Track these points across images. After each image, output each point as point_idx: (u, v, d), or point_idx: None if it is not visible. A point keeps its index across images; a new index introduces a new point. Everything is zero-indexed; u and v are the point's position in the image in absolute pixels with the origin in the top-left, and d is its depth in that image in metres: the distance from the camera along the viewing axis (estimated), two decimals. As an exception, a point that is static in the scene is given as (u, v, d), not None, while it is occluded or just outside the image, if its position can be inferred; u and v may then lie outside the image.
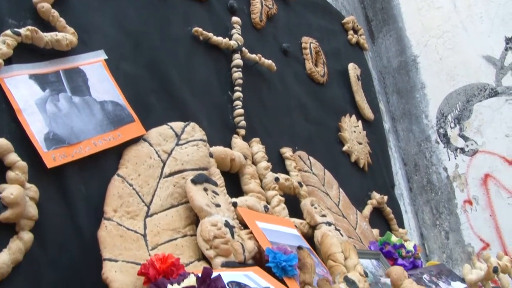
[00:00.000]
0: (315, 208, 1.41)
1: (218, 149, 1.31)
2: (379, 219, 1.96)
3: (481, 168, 2.26)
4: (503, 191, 2.18)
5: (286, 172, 1.55)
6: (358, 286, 0.67)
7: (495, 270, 1.21)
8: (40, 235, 0.92)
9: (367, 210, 1.88)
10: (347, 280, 0.67)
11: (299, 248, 0.72)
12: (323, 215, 1.41)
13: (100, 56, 1.21)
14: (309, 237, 1.32)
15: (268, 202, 1.35)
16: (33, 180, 0.94)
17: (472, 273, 1.26)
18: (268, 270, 1.03)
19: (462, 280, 1.35)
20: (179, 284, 0.75)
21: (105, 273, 0.89)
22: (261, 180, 1.41)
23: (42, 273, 0.91)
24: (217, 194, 1.15)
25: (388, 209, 1.99)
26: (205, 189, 1.13)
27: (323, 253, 0.71)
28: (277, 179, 1.41)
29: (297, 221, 1.37)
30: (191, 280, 0.75)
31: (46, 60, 1.10)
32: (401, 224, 2.08)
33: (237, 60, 1.55)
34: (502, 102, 2.24)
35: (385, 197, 1.97)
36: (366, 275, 0.91)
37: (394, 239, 1.58)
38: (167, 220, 1.09)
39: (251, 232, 1.13)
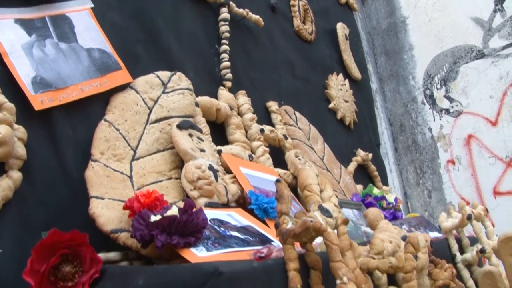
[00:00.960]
0: (299, 159, 1.45)
1: (204, 99, 1.33)
2: (363, 176, 2.00)
3: (465, 129, 2.30)
4: (484, 151, 2.22)
5: (272, 125, 1.58)
6: (332, 214, 0.71)
7: (469, 217, 1.26)
8: (29, 175, 0.95)
9: (352, 166, 1.92)
10: (321, 208, 0.70)
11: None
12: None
13: (86, 4, 1.22)
14: (292, 187, 1.36)
15: (253, 152, 1.38)
16: (20, 122, 0.96)
17: (448, 221, 1.32)
18: (250, 212, 1.07)
19: (439, 231, 1.40)
20: (162, 215, 0.79)
21: (92, 209, 0.92)
22: (246, 132, 1.44)
23: (31, 210, 0.94)
24: (202, 140, 1.18)
25: (373, 167, 2.03)
26: (190, 135, 1.16)
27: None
28: (262, 131, 1.44)
29: (281, 171, 1.41)
30: (173, 210, 0.78)
31: (32, 5, 1.11)
32: (385, 182, 2.13)
33: (224, 13, 1.56)
34: (488, 64, 2.27)
35: (370, 155, 2.01)
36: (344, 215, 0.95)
37: (376, 191, 1.63)
38: (153, 163, 1.12)
39: (234, 177, 1.16)
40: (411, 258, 0.74)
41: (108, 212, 0.92)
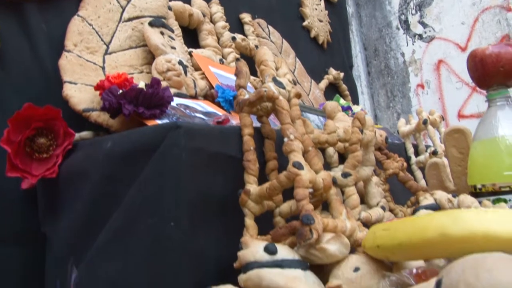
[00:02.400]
0: (269, 68, 1.50)
1: (177, 3, 1.37)
2: (334, 94, 2.07)
3: (436, 54, 2.37)
4: (453, 76, 2.30)
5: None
6: (285, 87, 0.77)
7: (425, 122, 1.35)
8: (3, 65, 0.99)
9: (323, 84, 1.98)
10: (275, 80, 0.76)
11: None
12: (276, 75, 1.50)
13: None
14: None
15: (224, 58, 1.43)
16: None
17: (406, 127, 1.40)
18: (217, 105, 1.14)
19: (400, 141, 1.49)
20: (130, 90, 0.85)
21: (65, 91, 0.98)
22: (218, 39, 1.48)
23: (8, 100, 1.00)
24: (173, 39, 1.23)
25: (344, 86, 2.09)
26: (162, 33, 1.20)
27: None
28: (234, 38, 1.48)
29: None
30: (141, 85, 0.84)
31: None
32: (356, 103, 2.20)
33: None
34: (463, -10, 2.30)
35: (342, 74, 2.07)
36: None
37: (342, 101, 1.70)
38: (125, 58, 1.17)
39: (203, 74, 1.22)
40: (357, 131, 0.81)
41: (80, 94, 0.98)
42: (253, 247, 0.61)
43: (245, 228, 0.71)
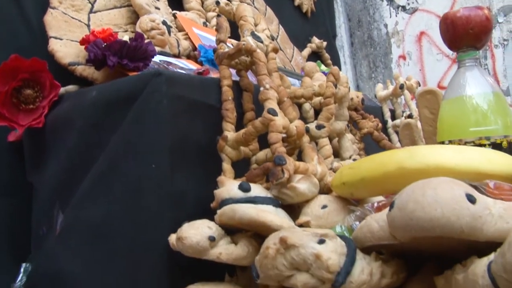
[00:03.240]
0: (252, 33, 1.53)
1: (162, -35, 1.38)
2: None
3: (418, 26, 2.40)
4: (434, 48, 2.35)
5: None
6: (263, 41, 0.81)
7: (401, 87, 1.40)
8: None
9: (306, 52, 2.01)
10: (253, 34, 0.80)
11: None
12: (259, 40, 1.54)
13: None
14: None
15: (208, 22, 1.46)
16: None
17: (383, 91, 1.45)
18: (200, 65, 1.17)
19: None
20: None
21: (51, 46, 1.00)
22: (202, 3, 1.50)
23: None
24: (157, 0, 1.25)
25: (327, 55, 2.13)
26: (146, -7, 1.22)
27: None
28: (217, 3, 1.50)
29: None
30: (125, 38, 0.87)
31: None
32: (338, 72, 2.24)
33: None
34: (447, -39, 2.33)
35: (325, 43, 2.10)
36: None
37: (323, 67, 1.74)
38: (110, 17, 1.19)
39: (187, 35, 1.25)
40: (331, 86, 0.85)
41: (66, 49, 1.00)
42: (229, 186, 0.66)
43: (222, 172, 0.75)
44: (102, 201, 0.78)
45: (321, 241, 0.48)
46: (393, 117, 1.47)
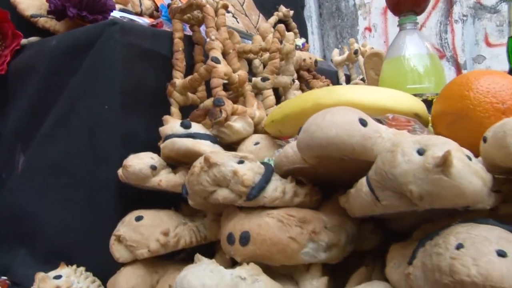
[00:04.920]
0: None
1: None
2: (283, 31, 2.16)
3: (384, -1, 2.47)
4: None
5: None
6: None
7: (356, 52, 1.48)
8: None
9: (272, 19, 2.06)
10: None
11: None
12: (224, 4, 1.60)
13: None
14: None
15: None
16: None
17: (339, 56, 1.53)
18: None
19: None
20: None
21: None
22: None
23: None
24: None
25: (294, 24, 2.18)
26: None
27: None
28: (184, -34, 1.56)
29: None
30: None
31: None
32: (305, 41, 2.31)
33: None
34: None
35: (292, 12, 2.16)
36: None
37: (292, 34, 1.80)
38: (75, -26, 1.23)
39: (150, -5, 1.30)
40: (276, 42, 0.92)
41: (28, 1, 1.05)
42: (172, 123, 0.73)
43: (171, 114, 0.82)
44: (60, 141, 0.85)
45: (240, 162, 0.56)
46: (348, 82, 1.55)
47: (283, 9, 2.13)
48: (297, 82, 1.07)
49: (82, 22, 0.93)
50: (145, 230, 0.66)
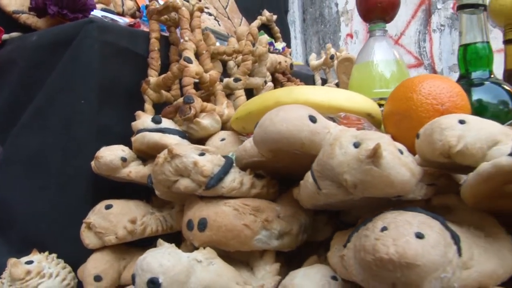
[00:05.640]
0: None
1: None
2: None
3: (366, 6, 2.53)
4: (379, 28, 2.48)
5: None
6: (189, 0, 0.91)
7: (332, 57, 1.52)
8: None
9: (255, 23, 2.10)
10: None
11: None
12: (206, 7, 1.64)
13: None
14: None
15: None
16: None
17: (316, 61, 1.57)
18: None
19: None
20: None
21: (-2, -5, 1.08)
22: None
23: None
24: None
25: (276, 28, 2.23)
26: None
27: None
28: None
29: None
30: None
31: None
32: (288, 46, 2.35)
33: None
34: None
35: (275, 16, 2.21)
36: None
37: (266, 37, 1.85)
38: (59, -27, 1.27)
39: (132, -5, 1.34)
40: (249, 44, 0.97)
41: (12, -2, 1.09)
42: (143, 118, 0.77)
43: (144, 111, 0.86)
44: (38, 133, 0.88)
45: (201, 154, 0.61)
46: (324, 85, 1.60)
47: (266, 13, 2.17)
48: (271, 84, 1.12)
49: (63, 19, 0.97)
50: (113, 218, 0.70)
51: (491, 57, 0.76)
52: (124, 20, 1.12)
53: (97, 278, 0.68)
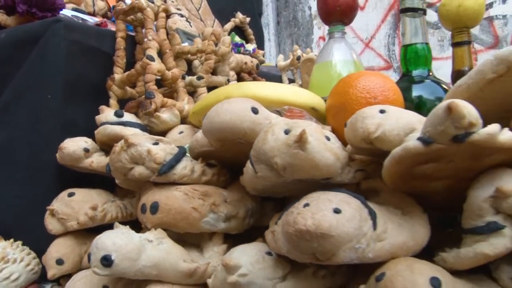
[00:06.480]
0: (172, 2, 1.68)
1: None
2: (241, 37, 2.26)
3: (338, 10, 2.60)
4: (350, 32, 2.55)
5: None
6: (154, 1, 0.96)
7: (298, 58, 1.58)
8: None
9: (229, 25, 2.16)
10: (145, -5, 0.95)
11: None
12: (178, 9, 1.69)
13: None
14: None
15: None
16: None
17: (283, 62, 1.63)
18: (112, 24, 1.31)
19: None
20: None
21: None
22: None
23: None
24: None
25: (250, 30, 2.28)
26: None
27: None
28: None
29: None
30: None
31: None
32: (261, 47, 2.41)
33: None
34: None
35: (248, 18, 2.26)
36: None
37: (237, 39, 1.90)
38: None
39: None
40: (212, 44, 1.02)
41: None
42: (107, 112, 0.82)
43: (110, 106, 0.91)
44: (5, 127, 0.92)
45: (155, 143, 0.65)
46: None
47: (239, 15, 2.23)
48: (234, 82, 1.17)
49: (31, 18, 1.00)
50: (75, 204, 0.74)
51: (429, 57, 0.82)
52: (94, 20, 1.16)
53: (59, 262, 0.72)
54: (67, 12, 1.10)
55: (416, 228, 0.50)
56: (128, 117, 0.81)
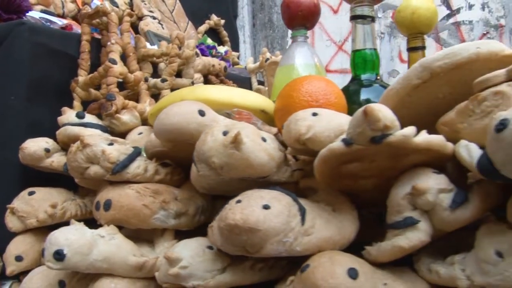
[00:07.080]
0: (145, 4, 1.71)
1: None
2: (214, 40, 2.30)
3: (313, 13, 2.65)
4: (324, 35, 2.61)
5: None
6: (118, 6, 0.99)
7: (267, 61, 1.62)
8: None
9: (203, 27, 2.19)
10: (111, 0, 0.98)
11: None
12: (151, 11, 1.72)
13: None
14: (135, 27, 1.63)
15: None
16: None
17: (252, 64, 1.67)
18: (83, 26, 1.34)
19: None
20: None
21: None
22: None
23: None
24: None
25: (224, 33, 2.32)
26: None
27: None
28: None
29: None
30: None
31: None
32: (236, 49, 2.44)
33: None
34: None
35: (223, 21, 2.29)
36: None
37: (209, 41, 1.94)
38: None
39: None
40: (175, 47, 1.05)
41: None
42: (68, 114, 0.85)
43: (73, 108, 0.93)
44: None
45: (110, 144, 0.69)
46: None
47: (214, 18, 2.26)
48: (200, 85, 1.20)
49: (-3, 20, 1.03)
50: (35, 202, 0.77)
51: (377, 62, 0.87)
52: (62, 22, 1.19)
53: (18, 258, 0.75)
54: (35, 14, 1.12)
55: (344, 223, 0.55)
56: (89, 118, 0.84)
